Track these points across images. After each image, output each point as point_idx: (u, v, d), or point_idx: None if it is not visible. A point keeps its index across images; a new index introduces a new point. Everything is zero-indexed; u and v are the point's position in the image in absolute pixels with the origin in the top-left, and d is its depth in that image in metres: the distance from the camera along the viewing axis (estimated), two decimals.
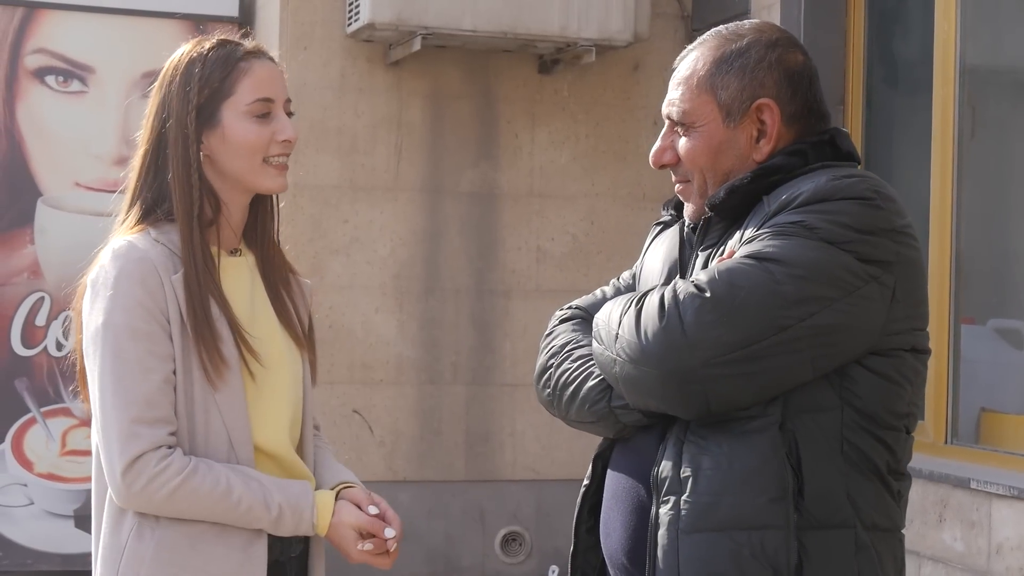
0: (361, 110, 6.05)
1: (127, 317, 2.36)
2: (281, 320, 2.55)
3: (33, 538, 6.22)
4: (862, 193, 2.16)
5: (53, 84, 6.27)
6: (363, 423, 6.07)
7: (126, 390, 2.35)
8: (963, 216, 4.78)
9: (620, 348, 2.18)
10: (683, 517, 2.14)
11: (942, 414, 4.78)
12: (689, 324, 2.10)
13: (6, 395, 6.22)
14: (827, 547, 2.13)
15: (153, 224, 2.46)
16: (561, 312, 2.53)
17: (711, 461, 2.14)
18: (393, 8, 5.59)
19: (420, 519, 6.06)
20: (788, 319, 2.09)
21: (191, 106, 2.44)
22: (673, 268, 2.38)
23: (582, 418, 2.32)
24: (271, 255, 2.59)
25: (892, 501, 2.24)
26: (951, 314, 4.78)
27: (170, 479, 2.34)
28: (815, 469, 2.13)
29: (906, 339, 2.20)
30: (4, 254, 6.21)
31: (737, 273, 2.11)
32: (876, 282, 2.14)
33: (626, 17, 5.78)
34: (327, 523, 2.46)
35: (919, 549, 4.57)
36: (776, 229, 2.14)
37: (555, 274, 6.25)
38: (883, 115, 5.42)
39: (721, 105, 2.28)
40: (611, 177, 6.31)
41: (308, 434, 2.59)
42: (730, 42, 2.31)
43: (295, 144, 2.52)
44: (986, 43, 5.03)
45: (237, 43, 2.51)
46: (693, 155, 2.30)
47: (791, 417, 2.14)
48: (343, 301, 6.03)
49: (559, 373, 2.37)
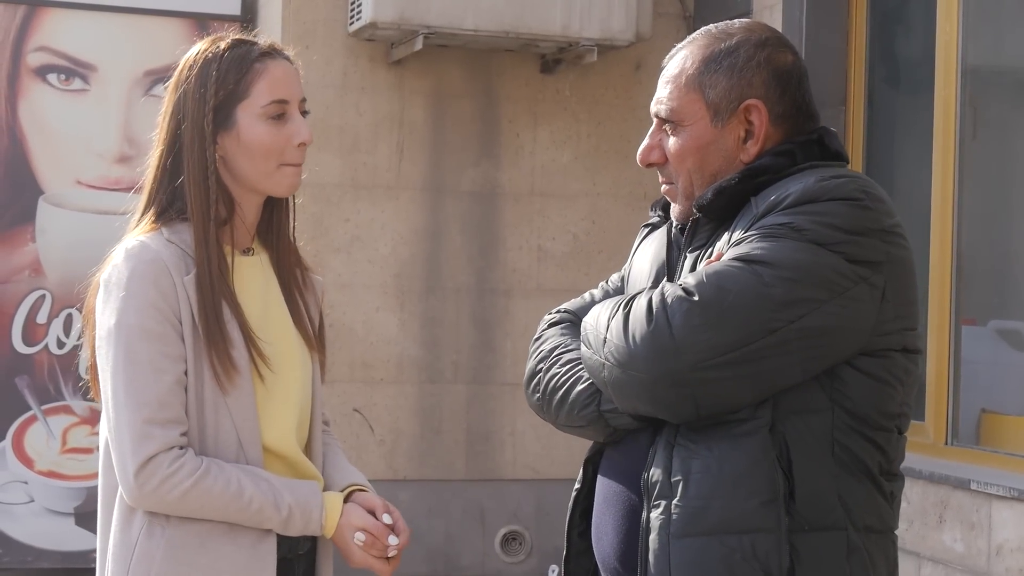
0: (363, 109, 6.05)
1: (139, 318, 2.36)
2: (294, 320, 2.56)
3: (33, 535, 6.23)
4: (850, 194, 2.14)
5: (55, 82, 6.27)
6: (363, 422, 6.07)
7: (138, 391, 2.35)
8: (964, 216, 4.78)
9: (608, 352, 2.17)
10: (674, 521, 2.13)
11: (942, 415, 4.78)
12: (677, 327, 2.08)
13: (7, 393, 6.22)
14: (819, 549, 2.12)
15: (166, 224, 2.46)
16: (549, 316, 2.52)
17: (701, 465, 2.13)
18: (395, 7, 5.59)
19: (420, 518, 6.06)
20: (777, 321, 2.08)
21: (207, 108, 2.44)
22: (661, 270, 2.36)
23: (572, 422, 2.31)
24: (286, 253, 2.60)
25: (884, 502, 2.22)
26: (952, 315, 4.77)
27: (183, 480, 2.35)
28: (806, 471, 2.12)
29: (897, 339, 2.18)
30: (5, 252, 6.21)
31: (725, 276, 2.10)
32: (866, 283, 2.12)
33: (628, 17, 5.78)
34: (335, 524, 2.47)
35: (919, 550, 4.57)
36: (764, 231, 2.13)
37: (556, 273, 6.25)
38: (885, 115, 5.41)
39: (709, 104, 2.27)
40: (612, 177, 6.31)
41: (316, 434, 2.59)
42: (719, 41, 2.30)
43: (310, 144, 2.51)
44: (988, 43, 5.03)
45: (252, 42, 2.50)
46: (680, 154, 2.28)
47: (781, 419, 2.13)
48: (344, 299, 6.03)
49: (548, 377, 2.35)
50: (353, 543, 2.46)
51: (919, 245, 4.88)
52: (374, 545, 2.47)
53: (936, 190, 4.82)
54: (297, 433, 2.52)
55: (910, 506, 4.61)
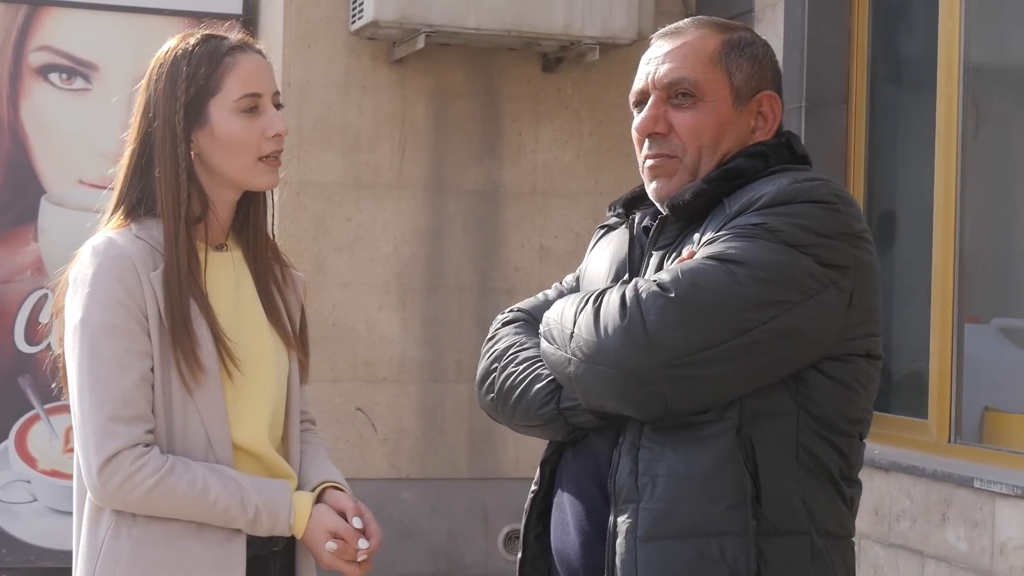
0: (365, 108, 6.05)
1: (104, 314, 2.34)
2: (269, 316, 2.52)
3: (36, 535, 6.23)
4: (824, 196, 2.14)
5: (57, 81, 6.27)
6: (366, 421, 6.07)
7: (102, 388, 2.33)
8: (967, 214, 4.77)
9: (576, 347, 2.14)
10: (640, 524, 2.11)
11: (945, 413, 4.78)
12: (651, 323, 2.06)
13: (10, 392, 6.22)
14: (784, 553, 2.11)
15: (136, 220, 2.44)
16: (503, 315, 2.48)
17: (667, 467, 2.11)
18: (397, 6, 5.59)
19: (423, 517, 6.06)
20: (750, 322, 2.06)
21: (178, 104, 2.42)
22: (621, 268, 2.33)
23: (528, 421, 2.28)
24: (262, 249, 2.55)
25: (845, 507, 2.21)
26: (955, 313, 4.77)
27: (146, 478, 2.33)
28: (771, 475, 2.11)
29: (862, 344, 2.17)
30: (8, 251, 6.21)
31: (700, 274, 2.08)
32: (835, 287, 2.11)
33: (630, 15, 5.78)
34: (304, 525, 2.43)
35: (922, 548, 4.57)
36: (738, 230, 2.12)
37: (558, 272, 6.24)
38: (887, 113, 5.41)
39: (733, 86, 2.27)
40: (614, 175, 6.31)
41: (292, 432, 2.55)
42: (733, 30, 2.31)
43: (285, 137, 2.49)
44: (990, 41, 5.03)
45: (223, 37, 2.48)
46: (698, 129, 2.25)
47: (748, 422, 2.11)
48: (346, 299, 6.03)
49: (503, 377, 2.32)
50: (322, 546, 2.42)
51: (922, 243, 4.89)
52: (345, 551, 2.43)
53: (938, 188, 4.82)
54: (271, 431, 2.49)
55: (913, 504, 4.61)
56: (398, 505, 6.05)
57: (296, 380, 2.57)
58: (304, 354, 2.60)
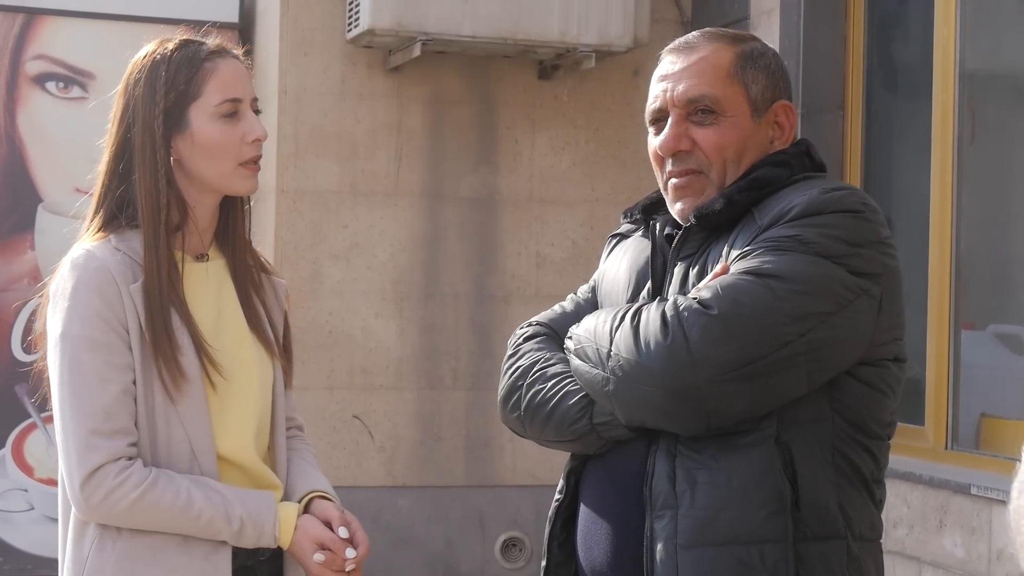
0: (361, 115, 6.05)
1: (84, 328, 2.33)
2: (251, 325, 2.50)
3: (33, 543, 6.22)
4: (853, 206, 2.17)
5: (53, 90, 6.27)
6: (363, 428, 6.07)
7: (83, 402, 2.32)
8: (963, 220, 4.78)
9: (616, 365, 2.15)
10: (681, 531, 2.13)
11: (942, 420, 4.78)
12: (695, 341, 2.08)
13: (7, 400, 6.22)
14: (822, 558, 2.14)
15: (115, 231, 2.42)
16: (522, 330, 2.48)
17: (707, 475, 2.13)
18: (393, 14, 5.59)
19: (420, 524, 6.06)
20: (789, 335, 2.09)
21: (158, 110, 2.41)
22: (642, 278, 2.33)
23: (561, 437, 2.29)
24: (242, 257, 2.54)
25: (875, 510, 2.25)
26: (951, 319, 4.77)
27: (129, 492, 2.31)
28: (809, 481, 2.14)
29: (890, 348, 2.21)
30: (5, 260, 6.21)
31: (740, 290, 2.10)
32: (866, 295, 2.15)
33: (626, 22, 5.78)
34: (289, 537, 2.42)
35: (919, 555, 4.56)
36: (772, 243, 2.14)
37: (555, 279, 6.25)
38: (883, 119, 5.41)
39: (751, 99, 2.28)
40: (611, 182, 6.31)
41: (279, 441, 2.54)
42: (743, 41, 2.33)
43: (263, 142, 2.47)
44: (986, 47, 5.03)
45: (200, 42, 2.49)
46: (722, 145, 2.26)
47: (785, 429, 2.14)
48: (343, 306, 6.03)
49: (531, 394, 2.32)
50: (309, 557, 2.41)
51: (918, 249, 4.89)
52: (333, 561, 2.42)
53: (935, 194, 4.82)
54: (256, 441, 2.47)
55: (910, 511, 4.61)
56: (395, 512, 6.04)
57: (281, 388, 2.55)
58: (287, 361, 2.59)
